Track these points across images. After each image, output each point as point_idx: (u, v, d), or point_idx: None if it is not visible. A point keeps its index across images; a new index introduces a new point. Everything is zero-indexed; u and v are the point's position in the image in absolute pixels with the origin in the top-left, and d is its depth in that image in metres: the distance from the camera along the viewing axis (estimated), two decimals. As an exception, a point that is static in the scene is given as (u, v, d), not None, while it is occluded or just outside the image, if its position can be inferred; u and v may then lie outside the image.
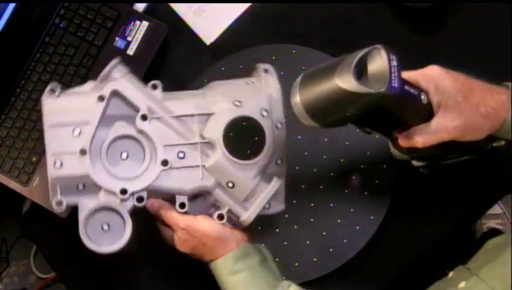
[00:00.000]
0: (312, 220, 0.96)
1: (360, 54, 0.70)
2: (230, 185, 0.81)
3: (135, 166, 0.81)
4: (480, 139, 0.76)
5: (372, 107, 0.70)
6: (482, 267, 0.79)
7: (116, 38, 1.03)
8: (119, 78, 0.81)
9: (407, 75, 0.75)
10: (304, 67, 1.00)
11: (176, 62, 1.05)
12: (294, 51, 1.01)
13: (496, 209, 1.46)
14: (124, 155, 0.81)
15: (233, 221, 0.84)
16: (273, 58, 1.01)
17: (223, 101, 0.82)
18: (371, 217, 0.94)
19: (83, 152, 0.78)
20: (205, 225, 0.81)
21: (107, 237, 0.80)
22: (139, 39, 1.02)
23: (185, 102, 0.82)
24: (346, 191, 0.96)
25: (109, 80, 0.81)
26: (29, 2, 1.04)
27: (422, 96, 0.74)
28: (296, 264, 0.94)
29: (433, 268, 0.96)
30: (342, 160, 0.97)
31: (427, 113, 0.75)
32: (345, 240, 0.94)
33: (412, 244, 0.96)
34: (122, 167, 0.81)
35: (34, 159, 0.99)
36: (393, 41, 1.02)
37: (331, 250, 0.94)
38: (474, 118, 0.73)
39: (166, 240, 0.84)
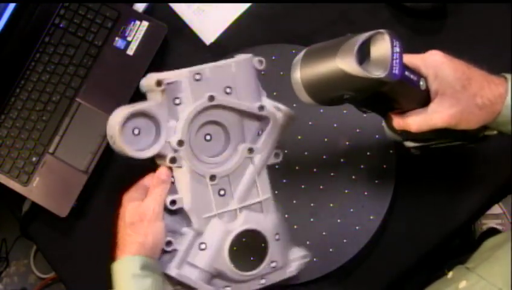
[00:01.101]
0: (312, 220, 0.96)
1: (363, 37, 0.70)
2: (202, 247, 0.80)
3: (203, 150, 0.81)
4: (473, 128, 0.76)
5: (371, 91, 0.71)
6: (482, 265, 0.79)
7: (116, 38, 1.03)
8: (279, 118, 0.84)
9: (408, 59, 0.75)
10: (303, 67, 1.00)
11: (176, 62, 1.05)
12: (294, 51, 1.01)
13: (496, 209, 1.46)
14: (208, 137, 0.82)
15: (163, 258, 0.81)
16: (273, 58, 1.01)
17: (277, 219, 0.85)
18: (371, 217, 0.94)
19: (211, 98, 0.80)
20: (158, 230, 0.79)
21: (136, 141, 0.79)
22: (139, 39, 1.02)
23: (268, 185, 0.85)
24: (347, 191, 0.96)
25: (274, 108, 0.84)
26: (29, 2, 1.04)
27: (421, 82, 0.74)
28: (296, 264, 0.94)
29: (433, 268, 0.96)
30: (341, 160, 0.97)
31: (424, 98, 0.75)
32: (345, 240, 0.94)
33: (411, 244, 0.96)
34: (200, 138, 0.81)
35: (34, 159, 0.99)
36: (393, 41, 1.02)
37: (331, 250, 0.94)
38: (470, 108, 0.74)
39: (128, 194, 0.82)
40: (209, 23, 1.05)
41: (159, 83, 0.79)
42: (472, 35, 1.02)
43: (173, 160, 0.80)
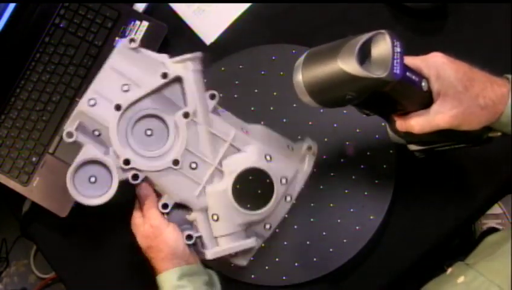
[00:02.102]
0: (312, 220, 0.96)
1: (364, 37, 0.70)
2: (215, 217, 0.82)
3: (150, 147, 0.82)
4: (476, 129, 0.76)
5: (373, 91, 0.71)
6: (481, 262, 0.79)
7: (116, 38, 1.03)
8: (189, 69, 0.82)
9: (410, 61, 0.75)
10: (304, 67, 1.00)
11: (176, 62, 1.05)
12: (294, 51, 1.01)
13: (496, 209, 1.46)
14: (149, 133, 0.82)
15: (197, 248, 0.84)
16: (273, 58, 1.01)
17: (257, 147, 0.83)
18: (371, 217, 0.94)
19: (118, 107, 0.80)
20: (171, 235, 0.81)
21: (90, 189, 0.81)
22: (139, 39, 1.02)
23: (227, 126, 0.83)
24: (347, 191, 0.96)
25: (182, 66, 0.82)
26: (29, 2, 1.04)
27: (423, 84, 0.74)
28: (296, 264, 0.94)
29: (433, 268, 0.96)
30: (341, 160, 0.97)
31: (426, 99, 0.75)
32: (345, 240, 0.94)
33: (412, 244, 0.96)
34: (139, 141, 0.82)
35: (34, 159, 0.99)
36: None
37: (331, 250, 0.94)
38: (473, 109, 0.74)
39: (132, 224, 0.85)
40: (209, 23, 1.05)
41: (69, 135, 0.80)
42: (472, 35, 1.02)
43: (134, 178, 0.81)
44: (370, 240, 0.94)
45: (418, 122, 0.75)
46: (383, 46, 0.70)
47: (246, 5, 1.05)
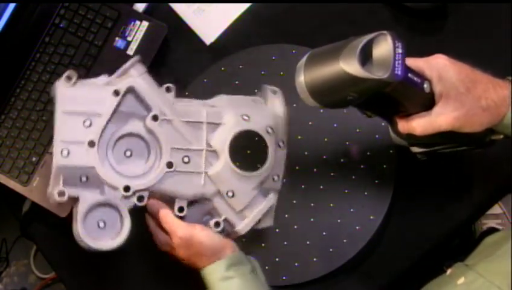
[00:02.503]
0: (312, 220, 0.96)
1: (366, 38, 0.70)
2: (230, 194, 0.83)
3: (138, 165, 0.81)
4: (479, 132, 0.76)
5: (374, 92, 0.71)
6: (481, 263, 0.79)
7: (116, 38, 1.03)
8: (136, 76, 0.81)
9: (412, 62, 0.75)
10: (304, 67, 1.00)
11: (176, 62, 1.05)
12: (294, 51, 1.01)
13: (496, 209, 1.46)
14: (128, 153, 0.81)
15: (227, 231, 0.85)
16: (273, 58, 1.01)
17: (231, 113, 0.84)
18: (371, 217, 0.94)
19: (91, 144, 0.78)
20: (203, 235, 0.81)
21: (103, 235, 0.80)
22: (139, 39, 1.02)
23: (195, 109, 0.83)
24: (347, 191, 0.96)
25: (126, 77, 0.81)
26: (29, 2, 1.04)
27: (425, 85, 0.74)
28: (296, 264, 0.94)
29: (433, 268, 0.96)
30: (342, 160, 0.97)
31: (428, 101, 0.75)
32: (345, 240, 0.94)
33: (412, 244, 0.96)
34: (125, 165, 0.81)
35: (34, 159, 0.99)
36: (393, 41, 1.02)
37: (331, 250, 0.94)
38: (475, 111, 0.74)
39: (159, 244, 0.85)
40: (209, 23, 1.05)
41: (61, 194, 0.78)
42: (472, 35, 1.02)
43: (140, 200, 0.81)
44: (370, 240, 0.94)
45: (420, 124, 0.75)
46: (385, 47, 0.70)
47: (246, 5, 1.05)
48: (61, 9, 1.04)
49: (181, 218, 0.82)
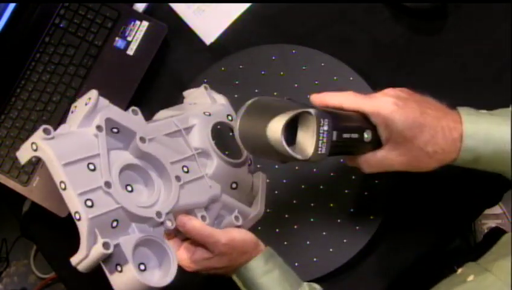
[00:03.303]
0: (312, 220, 0.96)
1: (292, 113, 0.67)
2: (234, 185, 0.83)
3: (140, 196, 0.76)
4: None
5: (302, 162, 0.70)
6: (493, 262, 0.78)
7: (116, 38, 1.03)
8: (104, 106, 0.75)
9: (357, 105, 0.74)
10: (304, 68, 1.00)
11: (176, 62, 1.05)
12: (294, 51, 1.01)
13: (496, 209, 1.46)
14: (129, 188, 0.75)
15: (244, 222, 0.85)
16: (273, 58, 1.01)
17: (194, 114, 0.83)
18: (371, 217, 0.94)
19: (107, 185, 0.71)
20: (240, 234, 0.80)
21: (151, 270, 0.74)
22: (139, 39, 1.02)
23: (165, 121, 0.81)
24: (347, 191, 0.96)
25: (97, 109, 0.75)
26: (29, 2, 1.04)
27: (366, 135, 0.74)
28: (296, 264, 0.94)
29: (433, 268, 0.96)
30: (342, 160, 0.97)
31: (371, 147, 0.75)
32: (345, 240, 0.94)
33: (411, 244, 0.96)
34: (136, 198, 0.76)
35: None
36: (393, 41, 1.02)
37: (331, 250, 0.94)
38: (420, 157, 0.74)
39: (193, 265, 0.80)
40: (209, 23, 1.05)
41: (107, 246, 0.69)
42: (472, 35, 1.02)
43: (170, 222, 0.76)
44: (370, 240, 0.94)
45: (366, 166, 0.76)
46: (308, 127, 0.68)
47: (246, 5, 1.05)
48: (61, 9, 1.04)
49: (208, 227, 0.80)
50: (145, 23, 1.03)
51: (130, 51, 1.02)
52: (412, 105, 0.74)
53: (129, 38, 1.02)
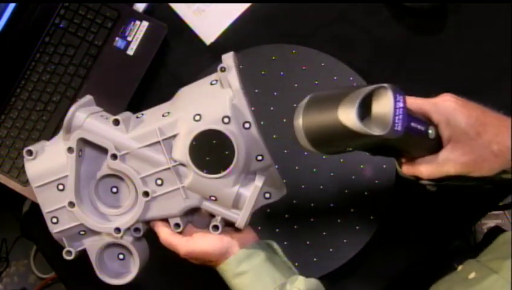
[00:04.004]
0: (312, 220, 0.96)
1: (365, 91, 0.68)
2: (213, 198, 0.80)
3: (128, 196, 0.82)
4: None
5: (374, 145, 0.69)
6: (494, 260, 0.78)
7: (116, 38, 1.03)
8: (82, 123, 0.79)
9: (418, 105, 0.73)
10: (304, 68, 1.00)
11: (176, 62, 1.05)
12: (294, 51, 1.01)
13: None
14: (115, 189, 0.82)
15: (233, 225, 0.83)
16: (273, 58, 1.01)
17: (184, 118, 0.78)
18: (371, 217, 0.94)
19: (71, 204, 0.80)
20: (204, 245, 0.79)
21: (126, 265, 0.84)
22: (139, 39, 1.02)
23: (148, 130, 0.78)
24: (347, 191, 0.96)
25: (73, 129, 0.79)
26: (29, 2, 1.04)
27: (430, 131, 0.72)
28: (296, 264, 0.94)
29: (433, 268, 0.96)
30: (341, 160, 0.97)
31: (434, 146, 0.73)
32: (345, 240, 0.94)
33: (412, 244, 0.96)
34: (115, 202, 0.82)
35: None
36: (393, 41, 1.02)
37: (331, 250, 0.94)
38: (485, 156, 0.71)
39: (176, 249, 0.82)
40: (209, 23, 1.05)
41: (68, 253, 0.83)
42: (472, 35, 1.02)
43: (136, 231, 0.81)
44: (370, 240, 0.94)
45: (426, 169, 0.73)
46: (385, 101, 0.67)
47: (246, 5, 1.05)
48: (61, 9, 1.04)
49: (180, 232, 0.81)
50: (145, 23, 1.03)
51: (130, 51, 1.02)
52: (472, 105, 0.73)
53: (129, 38, 1.02)
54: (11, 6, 1.01)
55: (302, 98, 0.99)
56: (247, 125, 0.77)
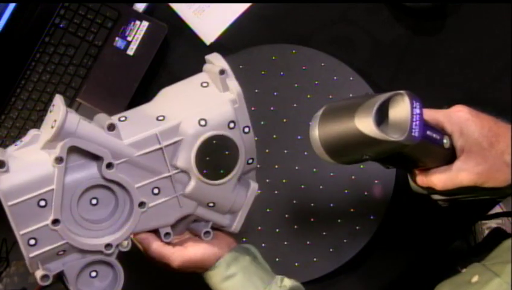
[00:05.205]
0: (312, 220, 0.96)
1: (382, 98, 0.68)
2: (211, 205, 0.78)
3: (107, 209, 0.74)
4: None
5: (391, 153, 0.69)
6: (498, 264, 0.78)
7: (116, 38, 1.03)
8: (74, 130, 0.69)
9: (431, 115, 0.73)
10: (304, 68, 1.00)
11: (176, 62, 1.05)
12: (294, 51, 1.01)
13: (496, 209, 1.46)
14: (94, 201, 0.72)
15: (221, 229, 0.82)
16: (273, 58, 1.01)
17: (187, 123, 0.73)
18: (371, 217, 0.94)
19: (56, 222, 0.69)
20: (198, 253, 0.79)
21: (98, 281, 0.75)
22: (139, 39, 1.02)
23: (146, 135, 0.72)
24: (347, 191, 0.96)
25: (62, 135, 0.68)
26: (29, 2, 1.04)
27: (445, 141, 0.72)
28: (296, 264, 0.94)
29: (433, 268, 0.96)
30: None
31: (448, 156, 0.73)
32: (345, 240, 0.94)
33: (412, 244, 0.96)
34: (95, 215, 0.73)
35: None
36: (393, 41, 1.02)
37: (331, 250, 0.94)
38: (498, 166, 0.71)
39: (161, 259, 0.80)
40: (209, 23, 1.05)
41: (45, 278, 0.71)
42: (472, 35, 1.02)
43: (124, 246, 0.75)
44: (370, 240, 0.94)
45: (440, 180, 0.73)
46: (402, 107, 0.68)
47: (246, 5, 1.05)
48: (61, 9, 1.04)
49: (168, 244, 0.78)
50: (145, 23, 1.03)
51: (130, 51, 1.02)
52: (485, 116, 0.73)
53: (129, 38, 1.02)
54: (11, 6, 1.01)
55: (302, 98, 1.00)
56: (246, 129, 0.76)
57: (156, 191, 0.74)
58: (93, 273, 0.74)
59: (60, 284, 0.79)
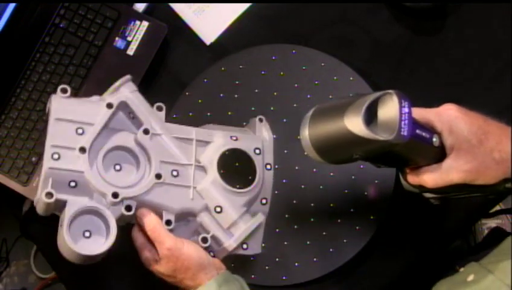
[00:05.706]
0: (312, 220, 0.96)
1: (371, 97, 0.69)
2: (218, 209, 0.84)
3: (127, 177, 0.83)
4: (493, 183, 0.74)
5: (381, 152, 0.70)
6: (494, 263, 0.78)
7: (116, 38, 1.03)
8: (127, 93, 0.84)
9: (421, 114, 0.74)
10: (304, 68, 1.00)
11: (176, 62, 1.05)
12: (294, 51, 1.01)
13: (496, 209, 1.46)
14: (118, 167, 0.83)
15: (215, 249, 0.85)
16: (273, 58, 1.01)
17: (221, 134, 0.88)
18: (371, 217, 0.94)
19: (82, 150, 0.80)
20: (191, 249, 0.80)
21: (88, 243, 0.79)
22: (139, 39, 1.02)
23: (185, 127, 0.86)
24: (347, 191, 0.96)
25: (118, 93, 0.84)
26: (29, 2, 1.04)
27: (434, 139, 0.73)
28: (296, 264, 0.94)
29: (433, 268, 0.96)
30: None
31: (438, 154, 0.74)
32: (345, 240, 0.94)
33: (411, 244, 0.96)
34: (114, 176, 0.82)
35: (33, 159, 0.99)
36: (393, 41, 1.02)
37: (331, 250, 0.94)
38: (487, 163, 0.72)
39: (144, 261, 0.82)
40: (209, 23, 1.05)
41: (49, 195, 0.77)
42: (472, 35, 1.02)
43: (128, 209, 0.80)
44: (370, 240, 0.94)
45: (430, 178, 0.74)
46: (391, 107, 0.69)
47: (246, 5, 1.05)
48: (61, 9, 1.04)
49: (170, 233, 0.81)
50: (145, 23, 1.03)
51: (130, 51, 1.02)
52: (474, 114, 0.74)
53: (129, 38, 1.02)
54: (11, 6, 1.01)
55: (302, 98, 1.00)
56: (268, 166, 0.90)
57: (175, 173, 0.83)
58: (87, 234, 0.79)
59: (60, 284, 0.79)
